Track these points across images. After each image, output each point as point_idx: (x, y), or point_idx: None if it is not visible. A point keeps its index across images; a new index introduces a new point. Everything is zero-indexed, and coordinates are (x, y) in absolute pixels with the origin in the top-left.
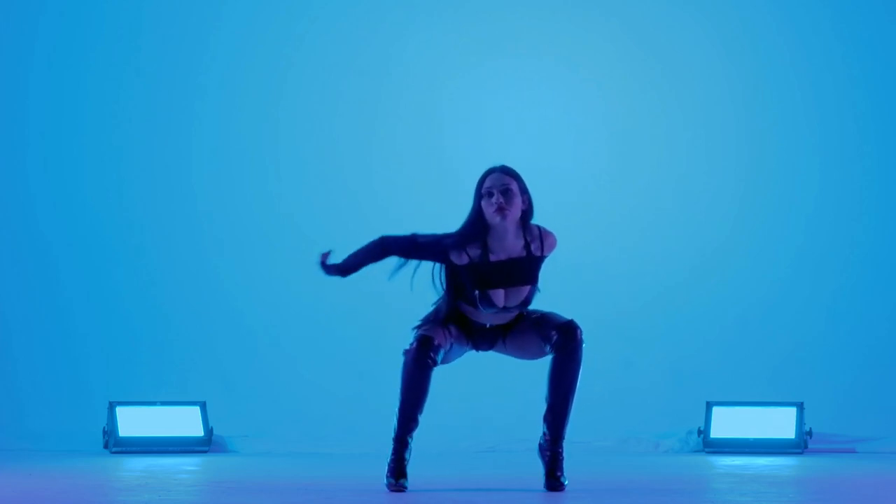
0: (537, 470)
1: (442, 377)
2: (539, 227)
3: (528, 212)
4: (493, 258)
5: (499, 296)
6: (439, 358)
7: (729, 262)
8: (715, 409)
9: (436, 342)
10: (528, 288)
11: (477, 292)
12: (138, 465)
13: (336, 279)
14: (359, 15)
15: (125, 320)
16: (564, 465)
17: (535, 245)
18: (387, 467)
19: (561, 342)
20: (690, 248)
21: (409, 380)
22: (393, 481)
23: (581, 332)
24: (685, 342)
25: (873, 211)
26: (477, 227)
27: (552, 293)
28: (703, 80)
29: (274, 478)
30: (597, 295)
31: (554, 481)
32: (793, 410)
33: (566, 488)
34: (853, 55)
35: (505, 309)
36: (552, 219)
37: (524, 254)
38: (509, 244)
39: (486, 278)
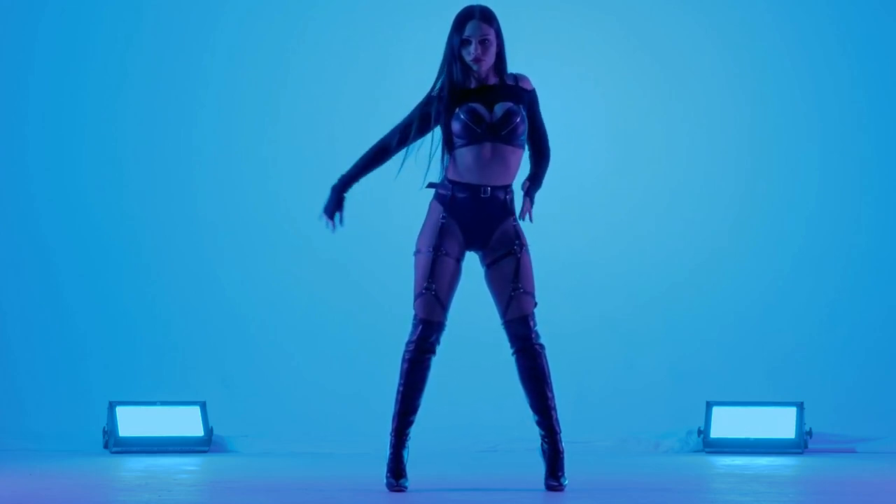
0: (537, 470)
1: (442, 377)
2: (514, 74)
3: (500, 54)
4: (471, 85)
5: (482, 110)
6: (441, 338)
7: (729, 262)
8: (715, 409)
9: (437, 322)
10: (510, 105)
11: (458, 109)
12: (138, 465)
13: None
14: (358, 16)
15: (125, 320)
16: (565, 465)
17: (510, 80)
18: (386, 466)
19: (516, 351)
20: (690, 248)
21: (410, 368)
22: (393, 481)
23: (534, 343)
24: (685, 342)
25: (873, 211)
26: (455, 68)
27: (553, 292)
28: (704, 80)
29: (274, 478)
30: (597, 295)
31: (554, 481)
32: (793, 410)
33: (566, 488)
34: (853, 55)
35: (494, 132)
36: (552, 218)
37: (499, 83)
38: (484, 80)
39: (468, 98)
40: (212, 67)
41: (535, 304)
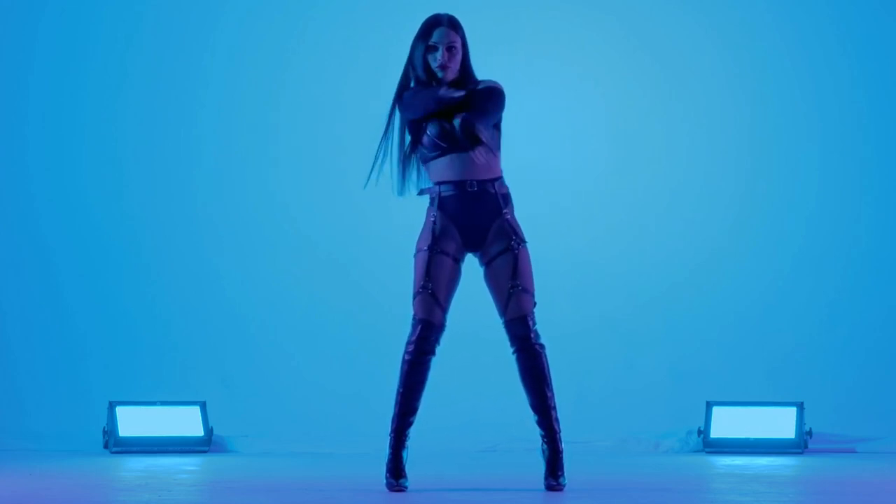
0: (537, 470)
1: (441, 377)
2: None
3: (465, 62)
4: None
5: (446, 124)
6: (441, 338)
7: (728, 262)
8: (715, 409)
9: (436, 322)
10: (464, 114)
11: (426, 124)
12: (138, 465)
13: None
14: (358, 16)
15: (125, 320)
16: (565, 465)
17: (472, 85)
18: (386, 466)
19: (516, 351)
20: (690, 248)
21: (410, 369)
22: (393, 481)
23: (533, 342)
24: (685, 342)
25: (873, 211)
26: (421, 74)
27: (553, 292)
28: (704, 79)
29: (274, 478)
30: (597, 295)
31: (554, 481)
32: (793, 410)
33: (566, 488)
34: (853, 55)
35: (459, 144)
36: (552, 218)
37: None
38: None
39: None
40: (212, 67)
41: (535, 303)
